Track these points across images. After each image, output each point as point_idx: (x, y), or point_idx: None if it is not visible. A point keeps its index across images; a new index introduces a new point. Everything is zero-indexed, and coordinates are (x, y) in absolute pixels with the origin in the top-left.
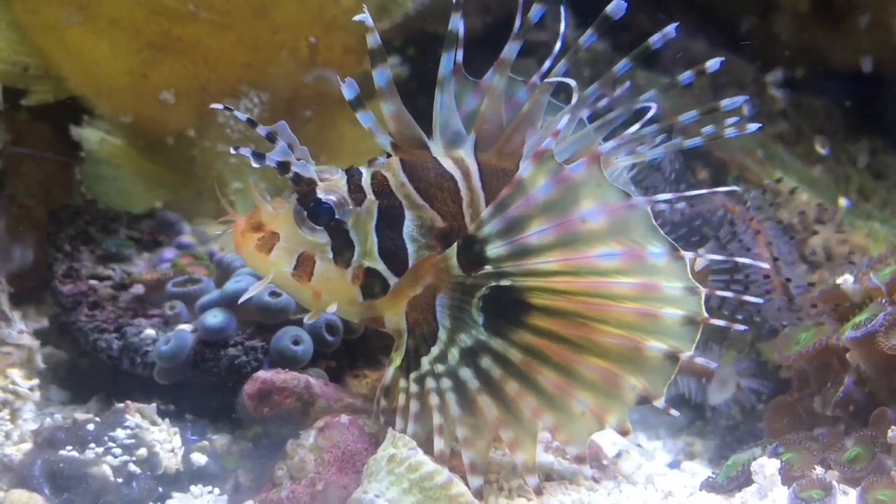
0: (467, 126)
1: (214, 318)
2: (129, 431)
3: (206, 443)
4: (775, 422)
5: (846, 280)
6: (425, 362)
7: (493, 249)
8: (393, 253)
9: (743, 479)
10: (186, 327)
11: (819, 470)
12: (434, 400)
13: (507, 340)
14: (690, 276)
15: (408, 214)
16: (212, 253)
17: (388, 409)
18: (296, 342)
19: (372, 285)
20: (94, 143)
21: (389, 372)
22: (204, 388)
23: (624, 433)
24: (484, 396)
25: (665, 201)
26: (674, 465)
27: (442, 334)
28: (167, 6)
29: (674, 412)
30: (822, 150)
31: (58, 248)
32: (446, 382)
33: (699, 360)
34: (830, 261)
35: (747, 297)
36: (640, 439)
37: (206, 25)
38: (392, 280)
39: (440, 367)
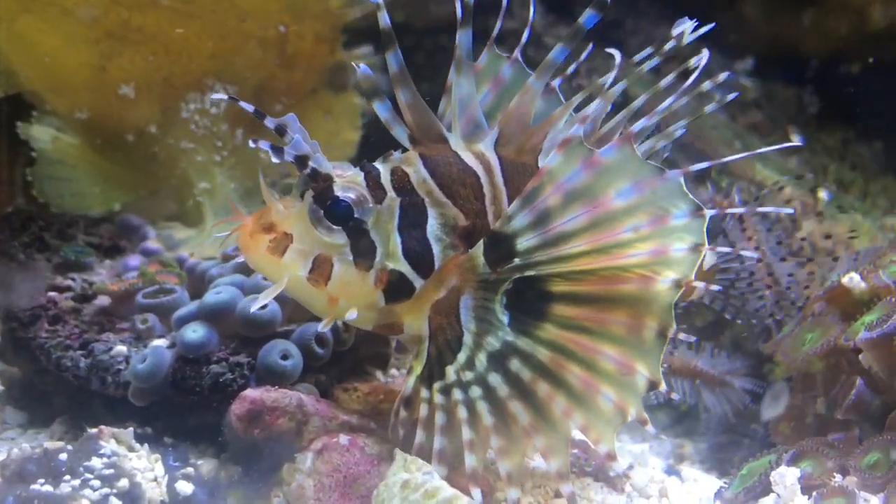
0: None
1: (194, 332)
2: (106, 460)
3: (190, 469)
4: (781, 426)
5: (852, 278)
6: (451, 371)
7: (524, 242)
8: (418, 254)
9: (760, 490)
10: (162, 343)
11: (838, 477)
12: (463, 413)
13: (533, 338)
14: (704, 232)
15: (431, 212)
16: (182, 259)
17: (408, 421)
18: (284, 357)
19: (396, 289)
20: (45, 142)
21: (410, 381)
22: (181, 407)
23: (643, 423)
24: (515, 402)
25: (700, 170)
26: (671, 470)
27: (468, 339)
28: None
29: (675, 395)
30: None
31: (11, 258)
32: (476, 391)
33: (682, 336)
34: (816, 254)
35: (745, 253)
36: (626, 443)
37: (169, 14)
38: (418, 283)
39: (468, 375)
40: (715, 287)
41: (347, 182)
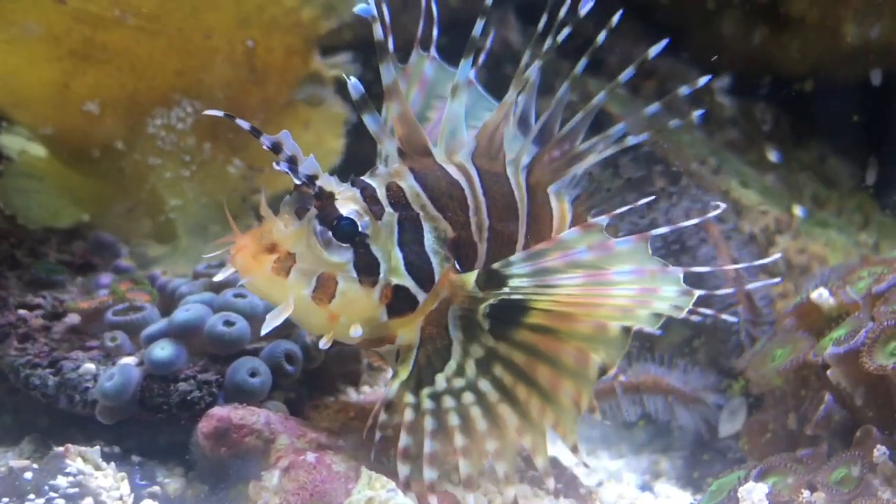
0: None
1: (163, 350)
2: (71, 479)
3: (157, 488)
4: (753, 441)
5: (821, 294)
6: (441, 379)
7: (517, 282)
8: (419, 268)
9: None
10: (131, 360)
11: (806, 493)
12: (454, 420)
13: (510, 343)
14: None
15: (425, 226)
16: (153, 277)
17: (388, 424)
18: (252, 374)
19: (400, 303)
20: (16, 151)
21: (394, 386)
22: (150, 425)
23: (592, 411)
24: (503, 406)
25: (703, 271)
26: (644, 487)
27: (456, 347)
28: (90, 13)
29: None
30: (773, 157)
31: None
32: (469, 397)
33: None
34: (790, 270)
35: (725, 317)
36: (603, 459)
37: (134, 32)
38: (421, 296)
39: (460, 382)
40: None
41: (348, 199)
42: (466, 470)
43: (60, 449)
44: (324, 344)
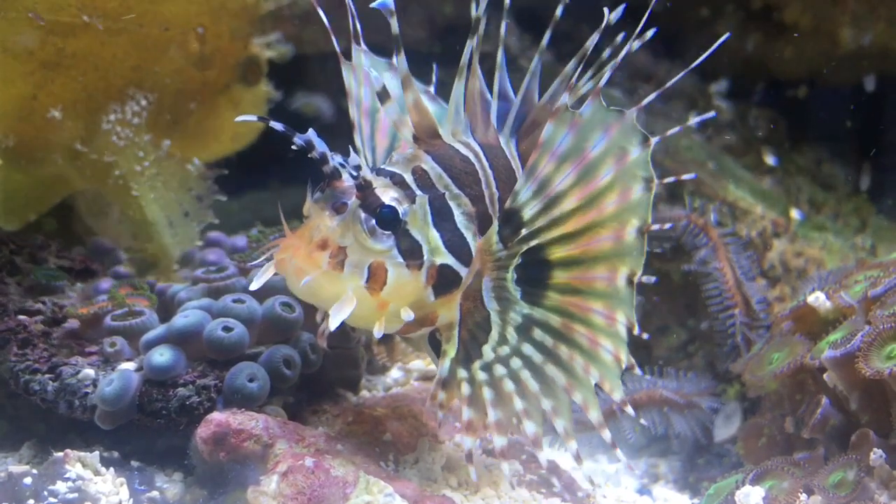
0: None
1: (161, 356)
2: (70, 484)
3: (156, 493)
4: (749, 445)
5: (817, 297)
6: (488, 350)
7: (529, 211)
8: (458, 245)
9: None
10: (130, 366)
11: (803, 497)
12: (509, 386)
13: (543, 307)
14: (650, 164)
15: (451, 205)
16: (152, 282)
17: (446, 402)
18: (251, 379)
19: (446, 281)
20: None
21: (446, 364)
22: (149, 430)
23: (632, 367)
24: (550, 366)
25: (649, 103)
26: (643, 490)
27: (494, 317)
28: (62, 23)
29: (645, 336)
30: (770, 160)
31: None
32: (517, 362)
33: (645, 279)
34: (787, 274)
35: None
36: (602, 462)
37: (100, 34)
38: (463, 272)
39: (505, 350)
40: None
41: (385, 187)
42: (532, 430)
43: (60, 454)
44: (379, 333)
